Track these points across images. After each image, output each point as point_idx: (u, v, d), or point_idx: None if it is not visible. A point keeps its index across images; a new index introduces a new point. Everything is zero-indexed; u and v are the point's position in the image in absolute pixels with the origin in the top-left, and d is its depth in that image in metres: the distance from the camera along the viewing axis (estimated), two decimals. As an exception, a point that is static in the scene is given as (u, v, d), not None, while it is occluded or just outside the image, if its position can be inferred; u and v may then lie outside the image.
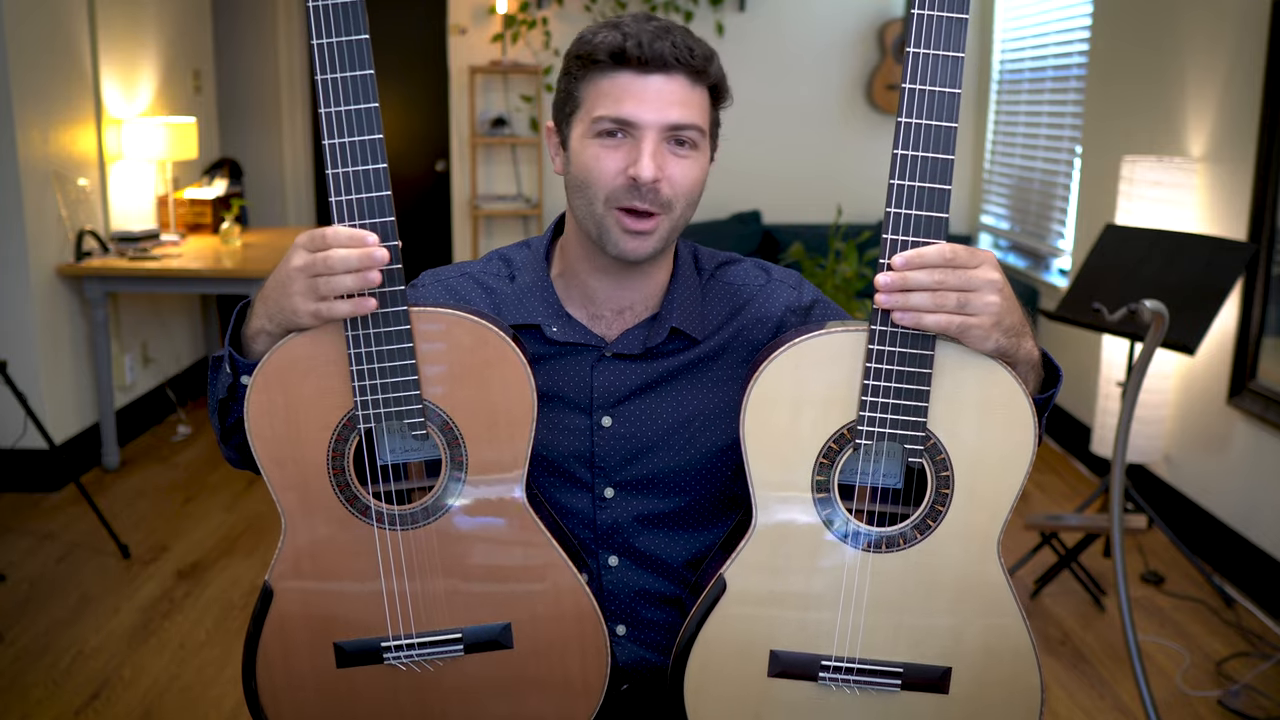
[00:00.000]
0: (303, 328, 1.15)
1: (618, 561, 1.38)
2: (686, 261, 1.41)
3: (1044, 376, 1.24)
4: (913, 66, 1.09)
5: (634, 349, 1.35)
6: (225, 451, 1.34)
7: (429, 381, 1.17)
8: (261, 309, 1.17)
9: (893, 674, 1.20)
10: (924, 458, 1.16)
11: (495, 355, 1.17)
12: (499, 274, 1.41)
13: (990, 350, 1.13)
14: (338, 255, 1.09)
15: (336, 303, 1.11)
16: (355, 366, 1.14)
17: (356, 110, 1.10)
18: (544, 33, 5.96)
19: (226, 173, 5.24)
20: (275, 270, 1.16)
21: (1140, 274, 3.28)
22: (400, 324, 1.14)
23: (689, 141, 1.26)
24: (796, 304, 1.41)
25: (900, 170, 1.10)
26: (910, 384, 1.13)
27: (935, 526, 1.18)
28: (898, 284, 1.09)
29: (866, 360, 1.13)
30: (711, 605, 1.20)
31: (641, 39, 1.22)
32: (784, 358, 1.15)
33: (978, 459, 1.16)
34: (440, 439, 1.19)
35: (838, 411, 1.15)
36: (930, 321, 1.09)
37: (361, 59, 1.10)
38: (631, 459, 1.36)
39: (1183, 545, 3.39)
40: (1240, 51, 3.45)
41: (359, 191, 1.11)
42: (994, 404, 1.15)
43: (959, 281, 1.09)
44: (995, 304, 1.10)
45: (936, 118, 1.10)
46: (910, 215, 1.11)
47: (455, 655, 1.23)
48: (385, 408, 1.15)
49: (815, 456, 1.17)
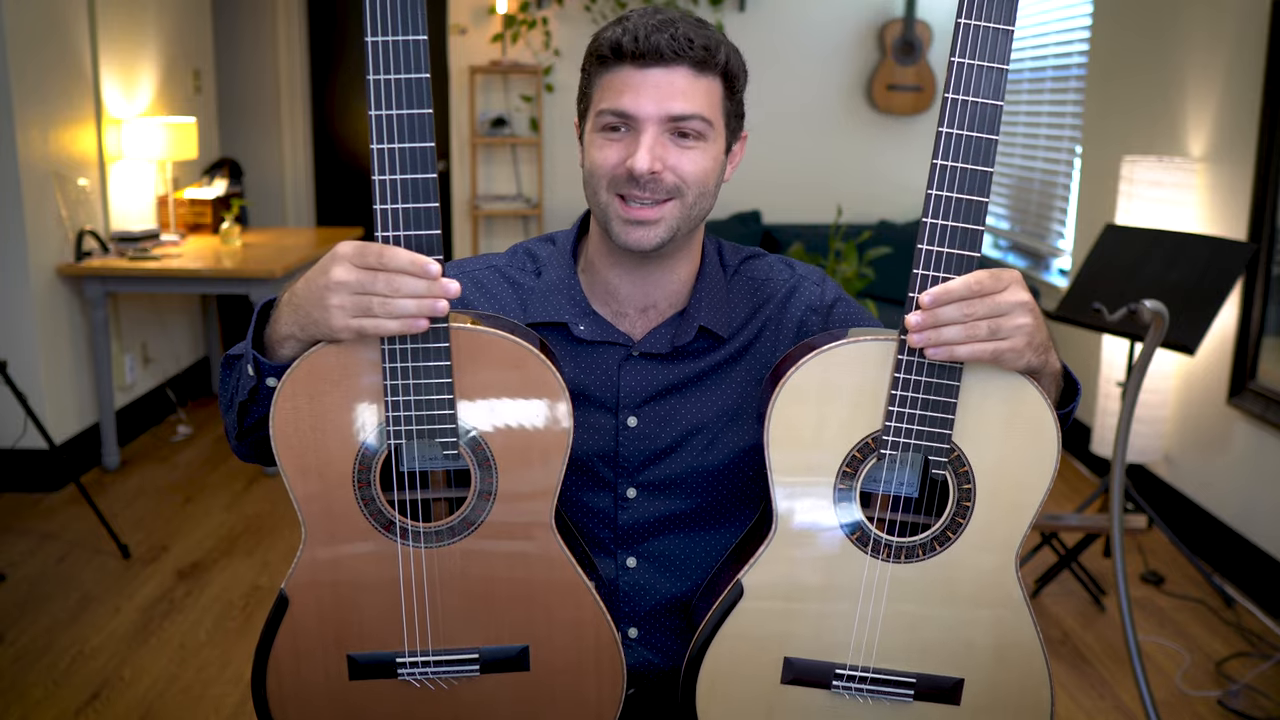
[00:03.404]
0: (336, 340, 1.11)
1: (636, 563, 1.38)
2: (712, 257, 1.40)
3: (1063, 388, 1.24)
4: (956, 76, 1.07)
5: (661, 348, 1.35)
6: (238, 448, 1.31)
7: (464, 401, 1.14)
8: (290, 316, 1.13)
9: (905, 684, 1.20)
10: (947, 469, 1.15)
11: (534, 377, 1.14)
12: (525, 269, 1.40)
13: (1022, 369, 1.13)
14: (401, 281, 1.06)
15: (386, 321, 1.07)
16: (389, 381, 1.11)
17: (409, 115, 1.05)
18: (544, 33, 5.96)
19: (226, 173, 5.23)
20: (309, 277, 1.11)
21: (1140, 274, 3.28)
22: (440, 341, 1.10)
23: (693, 132, 1.25)
24: (819, 302, 1.40)
25: (939, 181, 1.09)
26: (938, 396, 1.12)
27: (955, 539, 1.17)
28: (928, 322, 1.08)
29: (895, 370, 1.12)
30: (728, 610, 1.20)
31: (639, 33, 1.22)
32: (811, 364, 1.14)
33: (1001, 472, 1.16)
34: (471, 458, 1.16)
35: (863, 420, 1.15)
36: (964, 353, 1.09)
37: (418, 60, 1.05)
38: (655, 459, 1.35)
39: (1183, 545, 3.39)
40: (1240, 51, 3.45)
41: (407, 201, 1.07)
42: (1019, 418, 1.14)
43: (988, 309, 1.08)
44: (1027, 325, 1.09)
45: (978, 129, 1.08)
46: (947, 226, 1.09)
47: (471, 675, 1.21)
48: (417, 425, 1.12)
49: (840, 464, 1.16)
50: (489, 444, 1.16)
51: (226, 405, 1.28)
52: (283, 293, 1.17)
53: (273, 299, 1.20)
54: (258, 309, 1.20)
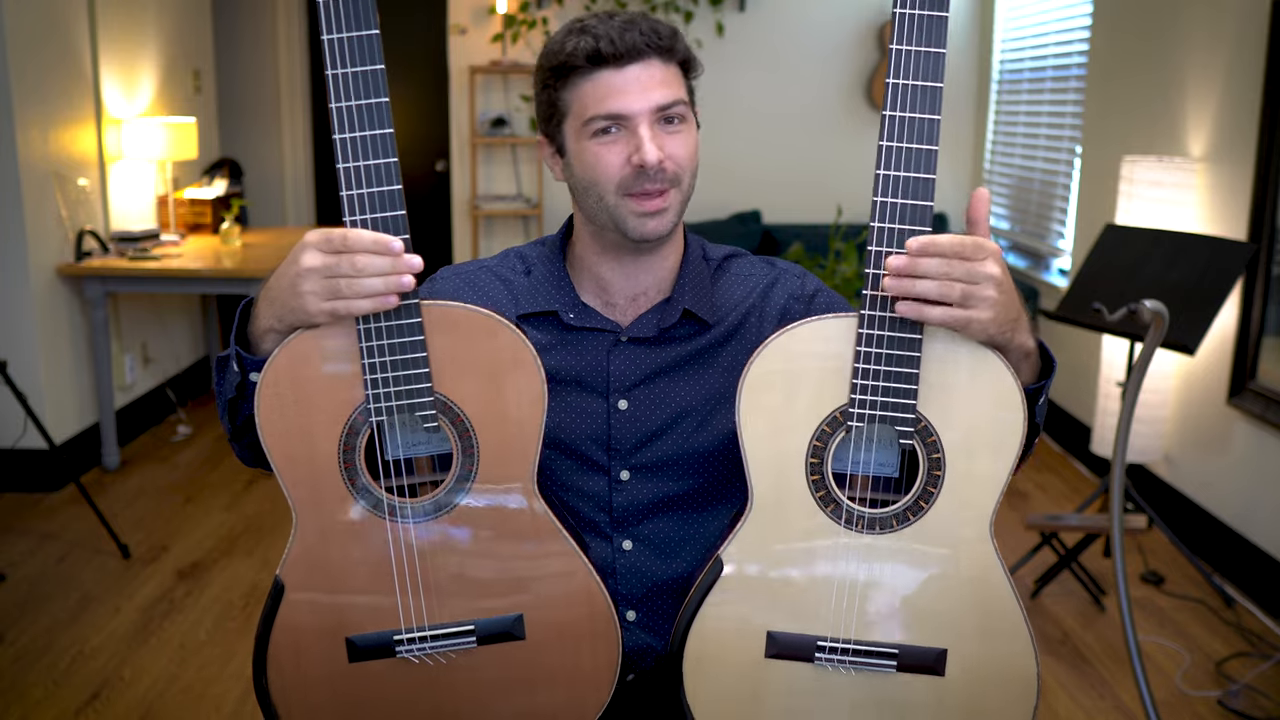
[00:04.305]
0: (313, 325, 1.16)
1: (632, 546, 1.41)
2: (695, 250, 1.45)
3: (1040, 368, 1.25)
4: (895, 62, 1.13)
5: (648, 332, 1.39)
6: (237, 450, 1.35)
7: (440, 374, 1.17)
8: (267, 309, 1.18)
9: (889, 655, 1.21)
10: (915, 439, 1.17)
11: (506, 347, 1.19)
12: (515, 269, 1.46)
13: (983, 340, 1.15)
14: (365, 261, 1.11)
15: (356, 300, 1.12)
16: (366, 360, 1.15)
17: (367, 105, 1.12)
18: (544, 33, 5.95)
19: (226, 173, 5.24)
20: (280, 269, 1.16)
21: (1140, 274, 3.28)
22: (411, 317, 1.15)
23: (677, 116, 1.31)
24: (800, 292, 1.44)
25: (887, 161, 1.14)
26: (900, 366, 1.15)
27: (928, 508, 1.19)
28: (909, 268, 1.10)
29: (857, 344, 1.15)
30: (709, 587, 1.22)
31: (612, 35, 1.27)
32: (777, 343, 1.18)
33: (969, 441, 1.18)
34: (451, 431, 1.19)
35: (830, 395, 1.17)
36: (934, 315, 1.11)
37: (372, 54, 1.11)
38: (646, 441, 1.39)
39: (1183, 545, 3.39)
40: (1240, 51, 3.45)
41: (370, 186, 1.13)
42: (984, 387, 1.17)
43: (965, 273, 1.10)
44: (993, 299, 1.11)
45: (921, 110, 1.14)
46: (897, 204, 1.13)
47: (468, 647, 1.23)
48: (397, 400, 1.16)
49: (809, 439, 1.18)
50: (467, 414, 1.19)
51: (222, 408, 1.31)
52: (259, 290, 1.21)
53: (252, 298, 1.24)
54: (240, 308, 1.24)
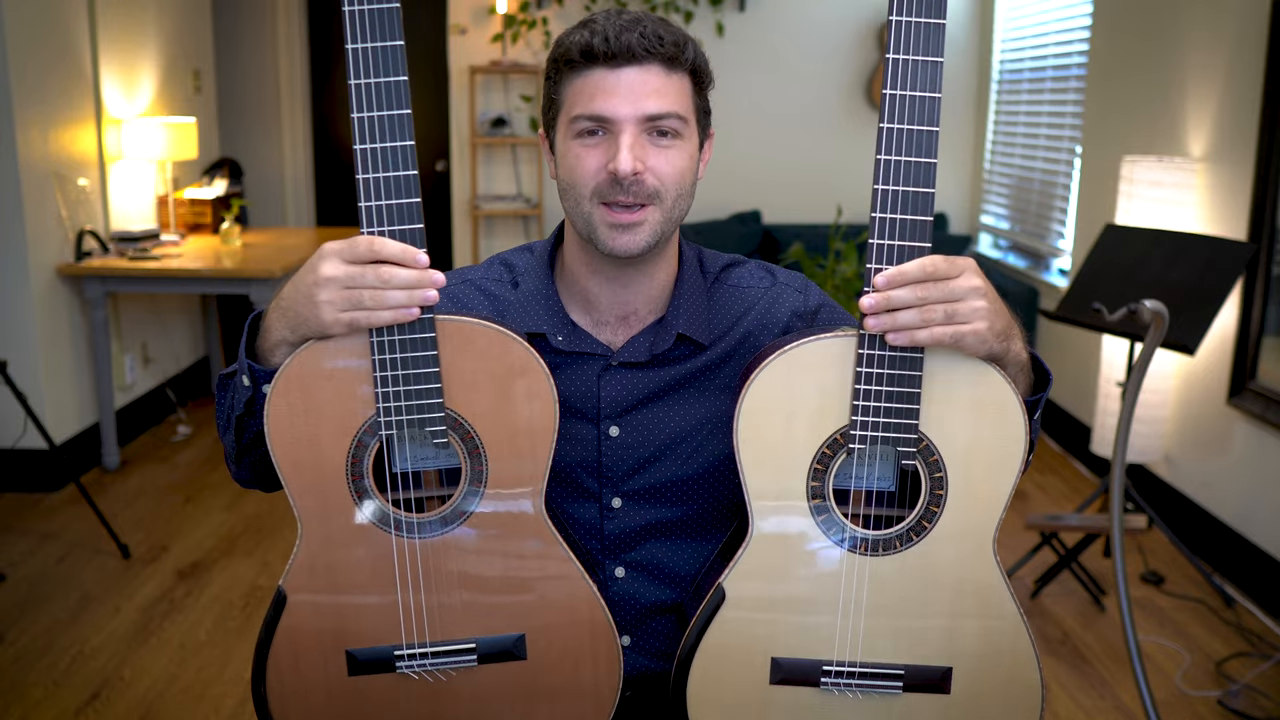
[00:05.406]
0: (328, 336, 1.13)
1: (624, 573, 1.37)
2: (692, 264, 1.38)
3: (1034, 380, 1.24)
4: (892, 72, 1.10)
5: (640, 356, 1.33)
6: (237, 471, 1.31)
7: (452, 390, 1.16)
8: (280, 320, 1.14)
9: (894, 676, 1.20)
10: (917, 459, 1.16)
11: (519, 365, 1.17)
12: (501, 280, 1.39)
13: (983, 355, 1.13)
14: (390, 272, 1.08)
15: (377, 312, 1.09)
16: (379, 373, 1.13)
17: (389, 116, 1.09)
18: (544, 33, 5.96)
19: (226, 173, 5.24)
20: (296, 278, 1.13)
21: (1140, 274, 3.28)
22: (426, 331, 1.13)
23: (670, 131, 1.23)
24: (802, 308, 1.39)
25: (884, 175, 1.11)
26: (901, 387, 1.13)
27: (931, 528, 1.18)
28: (882, 305, 1.09)
29: (857, 365, 1.13)
30: (711, 615, 1.20)
31: (609, 33, 1.21)
32: (775, 365, 1.15)
33: (970, 459, 1.17)
34: (461, 447, 1.18)
35: (831, 417, 1.15)
36: (923, 337, 1.09)
37: (396, 65, 1.09)
38: (639, 468, 1.35)
39: (1183, 545, 3.39)
40: (1240, 51, 3.45)
41: (390, 198, 1.10)
42: (984, 404, 1.15)
43: (942, 293, 1.08)
44: (983, 309, 1.10)
45: (918, 122, 1.10)
46: (895, 220, 1.11)
47: (469, 665, 1.22)
48: (408, 415, 1.14)
49: (809, 463, 1.17)
50: (477, 431, 1.17)
51: (224, 426, 1.27)
52: (270, 303, 1.18)
53: (261, 311, 1.20)
54: (248, 322, 1.21)
